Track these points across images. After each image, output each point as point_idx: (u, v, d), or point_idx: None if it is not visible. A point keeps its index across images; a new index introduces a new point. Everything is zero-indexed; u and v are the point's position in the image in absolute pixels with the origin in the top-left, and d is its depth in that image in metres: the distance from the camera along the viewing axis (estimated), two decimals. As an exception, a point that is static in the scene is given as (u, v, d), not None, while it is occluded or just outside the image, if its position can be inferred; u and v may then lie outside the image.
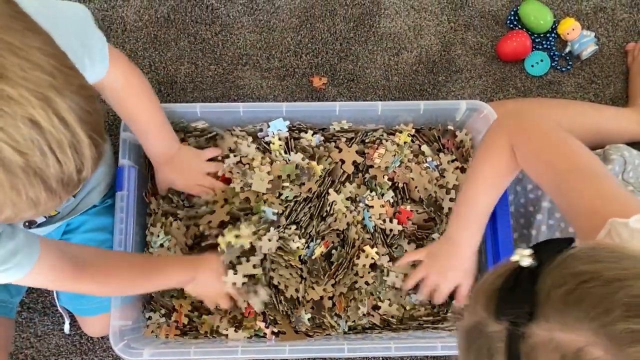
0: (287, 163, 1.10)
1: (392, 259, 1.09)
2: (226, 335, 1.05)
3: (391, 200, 1.10)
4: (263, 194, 1.08)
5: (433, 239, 1.09)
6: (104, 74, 0.84)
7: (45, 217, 0.94)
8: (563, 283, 0.45)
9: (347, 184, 1.11)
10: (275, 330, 1.05)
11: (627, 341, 0.41)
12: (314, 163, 1.10)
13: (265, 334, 1.05)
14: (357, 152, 1.12)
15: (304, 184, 1.09)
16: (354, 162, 1.12)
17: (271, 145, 1.11)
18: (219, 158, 1.11)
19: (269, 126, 1.10)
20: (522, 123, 0.84)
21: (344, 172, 1.11)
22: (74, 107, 0.49)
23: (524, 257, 0.48)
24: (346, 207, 1.10)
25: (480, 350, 0.49)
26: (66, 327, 1.12)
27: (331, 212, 1.09)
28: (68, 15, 0.76)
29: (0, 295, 1.02)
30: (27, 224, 0.95)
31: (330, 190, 1.10)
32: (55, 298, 1.09)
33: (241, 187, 1.09)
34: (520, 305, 0.46)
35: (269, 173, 1.09)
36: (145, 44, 1.29)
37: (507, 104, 1.20)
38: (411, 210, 1.10)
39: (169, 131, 1.02)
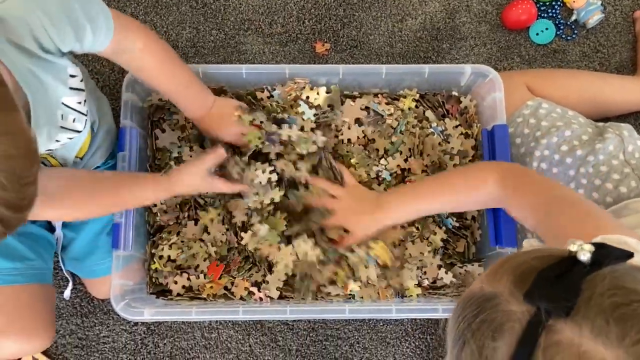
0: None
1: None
2: (225, 295, 1.05)
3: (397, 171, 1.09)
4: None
5: None
6: (107, 44, 0.84)
7: None
8: (613, 294, 0.43)
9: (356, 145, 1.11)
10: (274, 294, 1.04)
11: None
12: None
13: (260, 298, 1.04)
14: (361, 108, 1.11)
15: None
16: (358, 120, 1.10)
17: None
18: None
19: (273, 90, 1.09)
20: (516, 165, 0.97)
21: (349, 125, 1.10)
22: None
23: (584, 250, 0.45)
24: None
25: (488, 323, 0.46)
26: (66, 293, 1.12)
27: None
28: None
29: (37, 263, 1.03)
30: None
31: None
32: (61, 262, 1.09)
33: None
34: (561, 296, 0.43)
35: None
36: (147, 8, 1.27)
37: (513, 76, 1.17)
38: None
39: (199, 86, 1.00)
